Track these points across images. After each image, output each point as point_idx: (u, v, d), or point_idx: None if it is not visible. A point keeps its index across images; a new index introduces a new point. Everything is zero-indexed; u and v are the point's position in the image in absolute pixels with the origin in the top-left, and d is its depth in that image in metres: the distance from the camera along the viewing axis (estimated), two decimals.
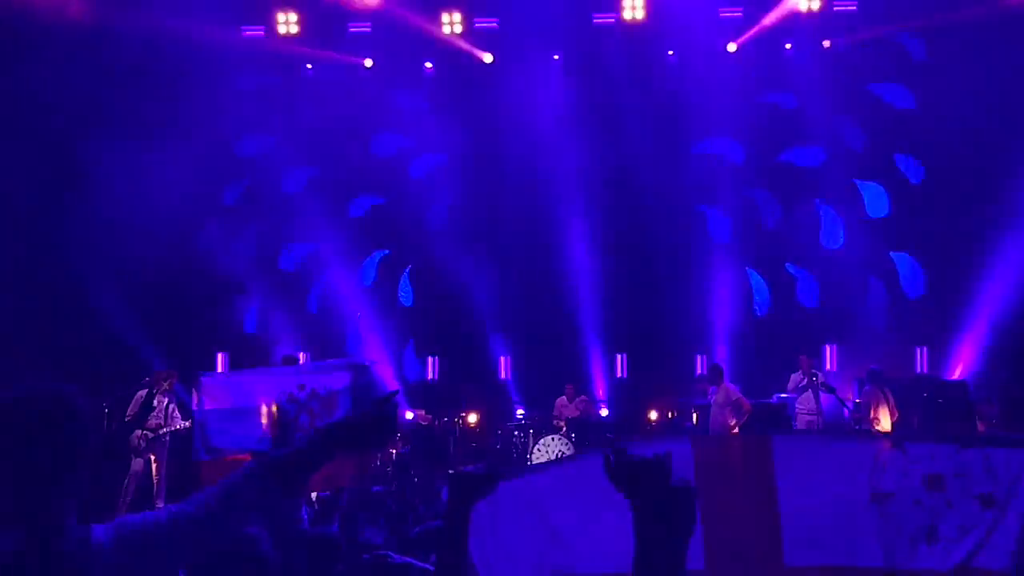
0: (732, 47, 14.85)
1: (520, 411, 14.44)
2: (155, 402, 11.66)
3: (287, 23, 15.04)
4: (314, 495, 6.92)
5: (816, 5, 14.46)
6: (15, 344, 12.33)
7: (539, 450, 12.72)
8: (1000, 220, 13.44)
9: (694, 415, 13.32)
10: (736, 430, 11.97)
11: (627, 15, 14.67)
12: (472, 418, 13.97)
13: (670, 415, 13.93)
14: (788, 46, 15.01)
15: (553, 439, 12.82)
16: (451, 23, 14.94)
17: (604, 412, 14.13)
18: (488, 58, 15.14)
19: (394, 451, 11.80)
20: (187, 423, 11.82)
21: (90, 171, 13.31)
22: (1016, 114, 13.46)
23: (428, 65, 15.42)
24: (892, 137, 14.88)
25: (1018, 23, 13.29)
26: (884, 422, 11.51)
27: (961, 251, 13.86)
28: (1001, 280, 13.28)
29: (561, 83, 15.19)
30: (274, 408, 9.02)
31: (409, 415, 13.40)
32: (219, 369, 15.32)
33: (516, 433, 13.49)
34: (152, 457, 11.53)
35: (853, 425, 11.86)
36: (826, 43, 14.81)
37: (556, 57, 15.31)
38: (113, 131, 13.41)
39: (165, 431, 11.61)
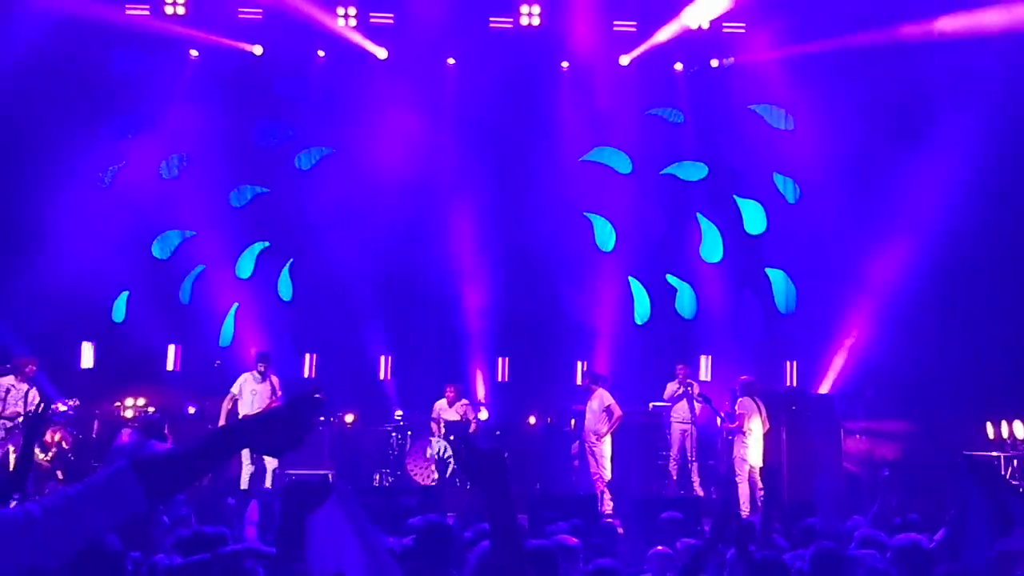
0: (625, 60, 15.06)
1: (399, 412, 14.28)
2: (14, 390, 11.15)
3: (174, 4, 14.52)
4: None
5: (706, 24, 14.77)
6: None
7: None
8: (871, 240, 13.99)
9: (572, 420, 13.42)
10: (607, 436, 12.12)
11: (523, 21, 14.69)
12: (348, 418, 13.74)
13: (548, 420, 14.01)
14: (678, 66, 15.31)
15: (433, 440, 12.79)
16: (346, 15, 14.68)
17: (484, 415, 14.09)
18: (382, 54, 14.96)
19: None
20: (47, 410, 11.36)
21: None
22: (888, 137, 14.03)
23: (320, 54, 15.13)
24: (771, 157, 15.33)
25: (897, 52, 13.83)
26: (756, 432, 11.81)
27: (833, 269, 14.38)
28: (870, 298, 13.80)
29: (454, 84, 15.12)
30: None
31: None
32: (83, 360, 14.76)
33: (393, 435, 13.36)
34: (11, 447, 11.02)
35: (725, 435, 12.15)
36: (714, 62, 15.17)
37: (451, 61, 15.22)
38: None
39: (23, 419, 11.10)
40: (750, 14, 14.62)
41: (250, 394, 12.06)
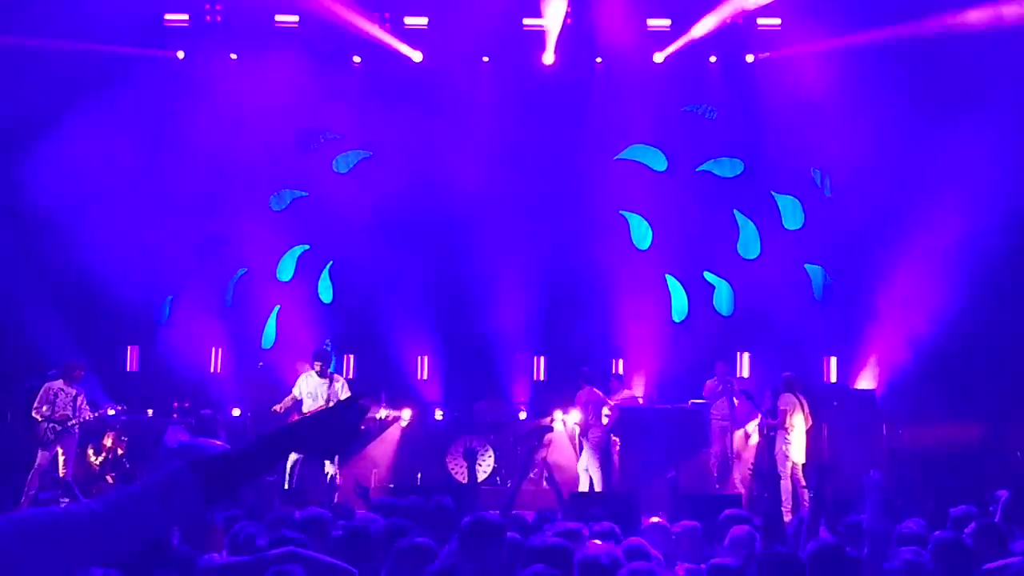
0: (659, 57, 15.05)
1: (438, 412, 14.41)
2: (63, 393, 11.41)
3: (213, 12, 14.75)
4: None
5: (741, 20, 14.72)
6: None
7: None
8: (910, 235, 13.86)
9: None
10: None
11: (555, 23, 14.73)
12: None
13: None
14: (713, 59, 15.27)
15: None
16: (381, 19, 14.81)
17: (523, 415, 14.18)
18: (417, 56, 15.08)
19: None
20: (95, 414, 11.63)
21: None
22: (929, 131, 13.89)
23: (356, 60, 15.28)
24: (808, 151, 15.24)
25: (938, 44, 13.70)
26: (799, 428, 11.76)
27: (871, 264, 14.28)
28: (911, 294, 13.68)
29: (489, 85, 15.19)
30: None
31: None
32: (129, 364, 15.05)
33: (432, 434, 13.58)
34: (60, 450, 11.29)
35: (766, 432, 12.12)
36: (749, 57, 15.11)
37: (485, 59, 15.31)
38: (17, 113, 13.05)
39: (74, 423, 11.37)
40: (786, 9, 14.56)
41: (308, 396, 11.97)
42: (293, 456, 11.29)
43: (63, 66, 13.55)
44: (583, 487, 12.39)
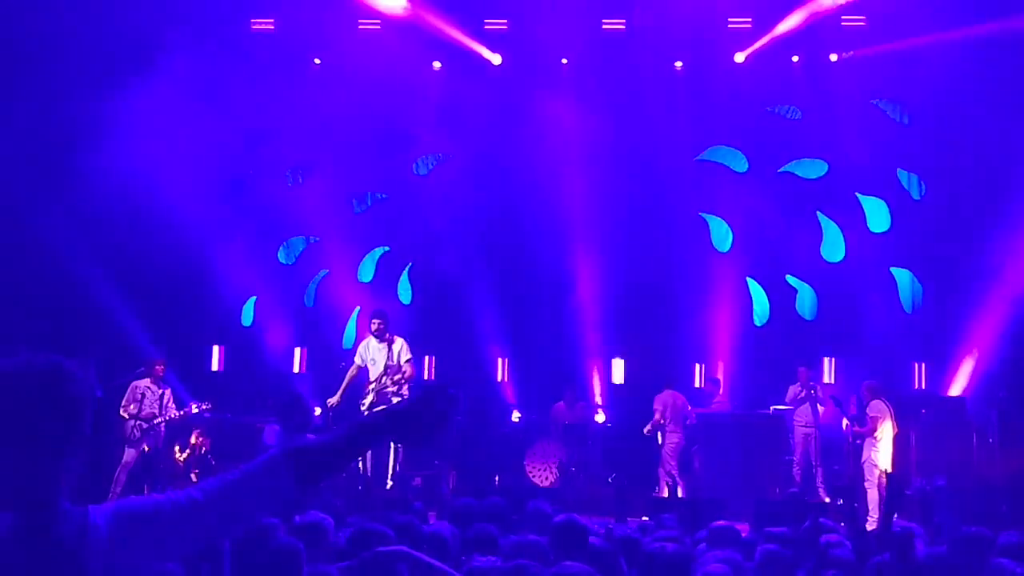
0: (740, 57, 14.84)
1: (516, 414, 14.41)
2: (150, 392, 11.65)
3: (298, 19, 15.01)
4: None
5: (825, 19, 14.43)
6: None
7: None
8: (1000, 237, 13.46)
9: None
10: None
11: (634, 23, 14.63)
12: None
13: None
14: (795, 58, 15.00)
15: None
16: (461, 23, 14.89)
17: (601, 418, 14.10)
18: (497, 59, 15.12)
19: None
20: (181, 412, 11.85)
21: (83, 156, 13.36)
22: (1019, 133, 13.47)
23: (436, 65, 15.38)
24: (895, 152, 14.89)
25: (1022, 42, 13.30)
26: (886, 437, 11.46)
27: (960, 268, 13.89)
28: (1000, 298, 13.27)
29: (568, 87, 15.15)
30: None
31: None
32: (213, 364, 15.35)
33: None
34: (146, 447, 11.51)
35: (852, 439, 11.85)
36: (833, 56, 14.81)
37: (564, 61, 15.27)
38: (110, 117, 13.41)
39: (160, 421, 11.59)
40: (870, 7, 14.23)
41: (370, 363, 11.33)
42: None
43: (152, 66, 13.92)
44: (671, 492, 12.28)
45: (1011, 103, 13.55)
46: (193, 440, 12.62)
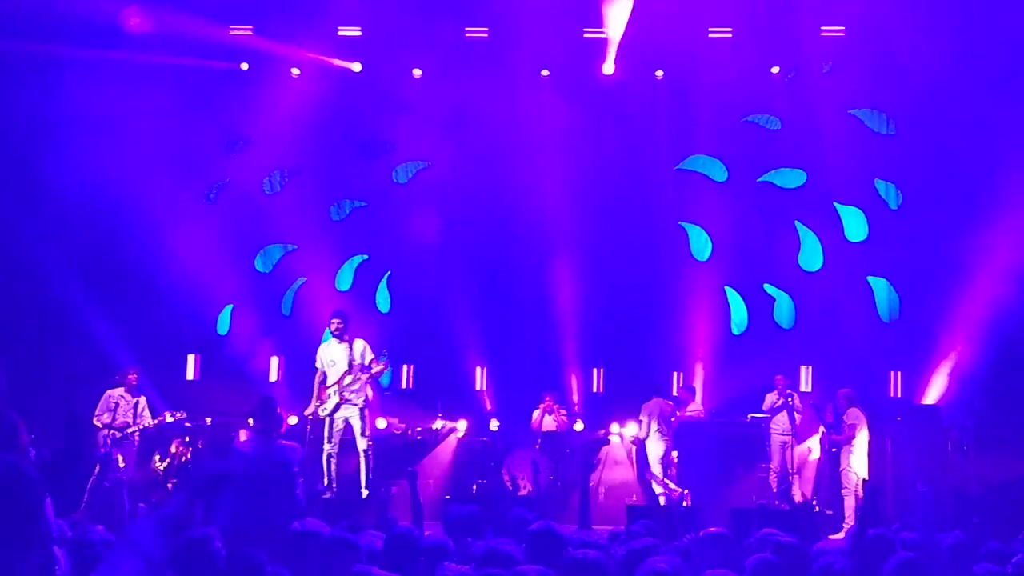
0: (718, 67, 14.86)
1: (495, 422, 14.37)
2: (124, 401, 11.55)
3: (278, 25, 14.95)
4: None
5: (803, 29, 14.49)
6: None
7: None
8: (976, 247, 13.56)
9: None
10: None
11: (616, 33, 14.63)
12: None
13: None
14: (775, 70, 15.05)
15: None
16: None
17: (579, 426, 14.08)
18: (476, 68, 15.08)
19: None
20: (155, 421, 11.75)
21: (55, 161, 13.29)
22: (996, 143, 13.58)
23: (417, 73, 15.34)
24: (872, 162, 14.97)
25: (1002, 55, 13.41)
26: (861, 446, 11.50)
27: (937, 277, 13.96)
28: (976, 308, 13.35)
29: (548, 96, 15.15)
30: None
31: (383, 423, 13.29)
32: (188, 372, 15.22)
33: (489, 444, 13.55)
34: (120, 457, 11.40)
35: (828, 447, 11.88)
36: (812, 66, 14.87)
37: (545, 73, 15.26)
38: (80, 124, 13.33)
39: (133, 430, 11.49)
40: (848, 18, 14.31)
41: (330, 365, 11.01)
42: (326, 451, 10.86)
43: (128, 74, 13.84)
44: (651, 500, 12.25)
45: (988, 112, 13.65)
46: (173, 449, 12.48)
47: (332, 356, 11.06)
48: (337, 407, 10.88)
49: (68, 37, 13.54)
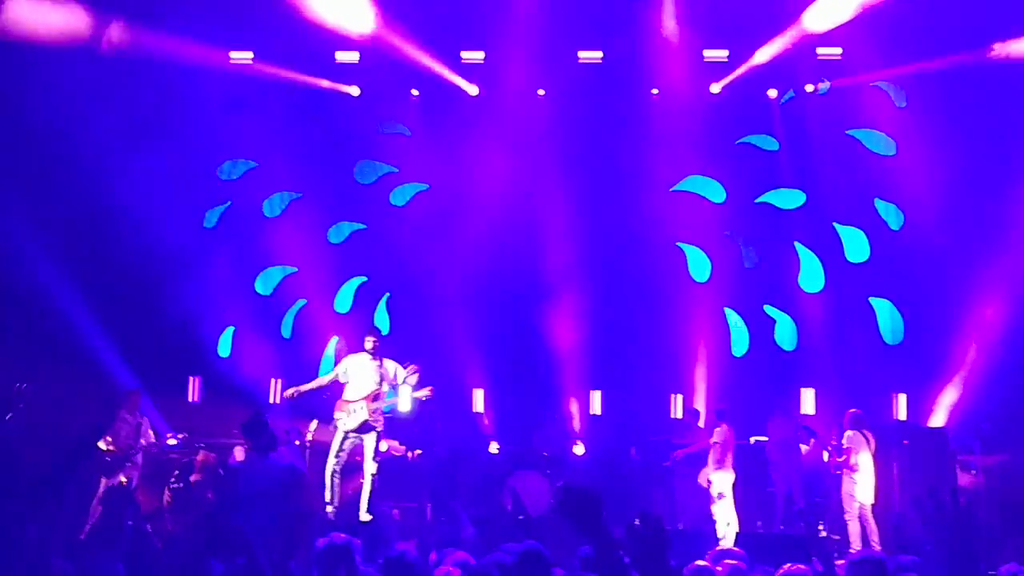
0: (716, 88, 14.92)
1: (494, 444, 14.30)
2: (126, 423, 11.52)
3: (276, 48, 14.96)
4: None
5: (800, 51, 14.52)
6: None
7: None
8: (978, 267, 13.55)
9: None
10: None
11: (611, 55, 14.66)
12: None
13: (632, 452, 13.80)
14: (772, 92, 15.09)
15: None
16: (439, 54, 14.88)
17: (580, 449, 14.00)
18: (474, 90, 15.14)
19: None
20: (157, 443, 11.70)
21: (61, 182, 13.29)
22: (996, 164, 13.60)
23: (414, 93, 15.37)
24: (873, 183, 14.98)
25: (1000, 73, 13.46)
26: (866, 467, 11.38)
27: (941, 298, 13.93)
28: (980, 328, 13.33)
29: (545, 118, 15.17)
30: None
31: (384, 445, 13.19)
32: (190, 394, 15.18)
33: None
34: (123, 478, 11.34)
35: (832, 471, 11.79)
36: (809, 87, 14.91)
37: (541, 92, 15.29)
38: (83, 145, 13.33)
39: (135, 451, 11.45)
40: (846, 39, 14.34)
41: (351, 379, 10.69)
42: (331, 466, 10.64)
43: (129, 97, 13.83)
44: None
45: (988, 133, 13.67)
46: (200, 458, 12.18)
47: (361, 371, 10.70)
48: (363, 427, 10.66)
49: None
